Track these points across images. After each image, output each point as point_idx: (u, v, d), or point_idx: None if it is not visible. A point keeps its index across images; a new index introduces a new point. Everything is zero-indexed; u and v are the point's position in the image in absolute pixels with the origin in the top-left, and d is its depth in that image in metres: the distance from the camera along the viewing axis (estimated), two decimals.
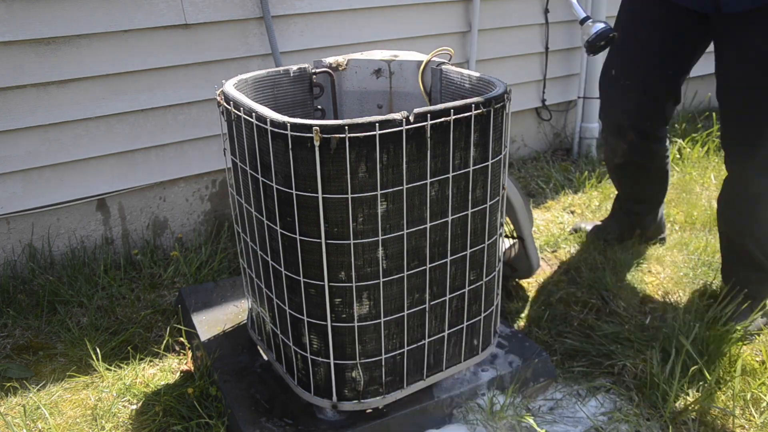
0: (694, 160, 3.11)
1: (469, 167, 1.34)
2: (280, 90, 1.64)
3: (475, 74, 1.52)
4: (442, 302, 1.45)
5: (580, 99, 3.32)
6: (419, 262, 1.37)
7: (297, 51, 2.45)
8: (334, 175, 1.22)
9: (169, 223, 2.45)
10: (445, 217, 1.36)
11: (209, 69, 2.31)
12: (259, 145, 1.28)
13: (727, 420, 1.59)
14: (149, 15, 2.13)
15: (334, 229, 1.27)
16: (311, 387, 1.47)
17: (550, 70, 3.22)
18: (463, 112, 1.28)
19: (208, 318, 1.85)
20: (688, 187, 2.87)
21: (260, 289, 1.52)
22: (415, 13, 2.71)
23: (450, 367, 1.56)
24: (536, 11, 3.06)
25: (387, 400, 1.48)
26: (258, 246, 1.44)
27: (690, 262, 2.28)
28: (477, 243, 1.44)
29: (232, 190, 1.53)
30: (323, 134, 1.18)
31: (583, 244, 2.42)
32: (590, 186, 2.93)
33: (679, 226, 2.57)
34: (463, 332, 1.54)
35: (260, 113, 1.24)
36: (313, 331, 1.39)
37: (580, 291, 2.14)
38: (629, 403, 1.66)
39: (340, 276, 1.31)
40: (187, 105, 2.31)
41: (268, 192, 1.31)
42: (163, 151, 2.33)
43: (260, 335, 1.66)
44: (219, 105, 1.44)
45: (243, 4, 2.29)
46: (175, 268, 2.26)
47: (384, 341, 1.40)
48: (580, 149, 3.38)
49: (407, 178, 1.27)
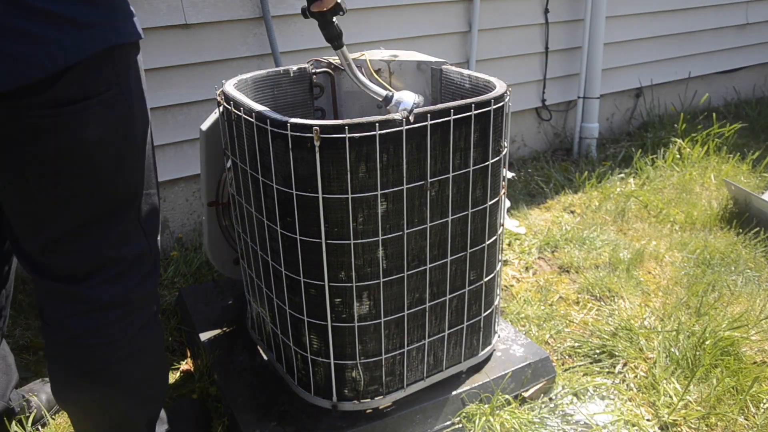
0: (694, 160, 3.11)
1: (469, 167, 1.34)
2: (280, 90, 1.64)
3: (475, 74, 1.52)
4: (442, 302, 1.45)
5: (581, 99, 3.32)
6: (419, 262, 1.37)
7: (297, 51, 2.45)
8: (334, 175, 1.22)
9: (169, 223, 2.45)
10: (445, 217, 1.36)
11: (209, 69, 2.31)
12: (259, 145, 1.28)
13: (727, 420, 1.59)
14: (149, 15, 2.13)
15: (334, 229, 1.27)
16: (311, 387, 1.47)
17: (550, 70, 3.22)
18: (463, 112, 1.28)
19: (208, 318, 1.84)
20: (688, 187, 2.87)
21: (260, 289, 1.52)
22: (415, 13, 2.71)
23: (450, 367, 1.56)
24: (536, 11, 3.06)
25: (387, 400, 1.48)
26: (258, 246, 1.44)
27: (690, 262, 2.28)
28: (477, 243, 1.44)
29: (232, 190, 1.53)
30: (323, 134, 1.18)
31: (583, 244, 2.42)
32: (590, 186, 2.93)
33: (679, 226, 2.57)
34: (463, 332, 1.54)
35: (260, 113, 1.24)
36: (313, 331, 1.39)
37: (580, 291, 2.14)
38: (629, 403, 1.66)
39: (340, 276, 1.31)
40: (187, 105, 2.31)
41: (268, 192, 1.31)
42: (162, 151, 2.33)
43: (260, 335, 1.66)
44: (219, 105, 1.44)
45: (243, 4, 2.29)
46: (175, 268, 2.26)
47: (384, 341, 1.40)
48: (580, 149, 3.38)
49: (407, 178, 1.27)
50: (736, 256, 2.29)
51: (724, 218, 2.59)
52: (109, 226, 1.10)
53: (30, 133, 0.97)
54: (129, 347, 1.17)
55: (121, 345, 1.16)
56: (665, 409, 1.62)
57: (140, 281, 1.16)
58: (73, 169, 1.02)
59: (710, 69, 3.89)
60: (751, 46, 4.00)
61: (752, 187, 2.85)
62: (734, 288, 2.11)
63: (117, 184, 1.09)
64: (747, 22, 3.86)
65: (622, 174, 3.06)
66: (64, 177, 1.02)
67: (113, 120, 1.03)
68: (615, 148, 3.46)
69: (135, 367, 1.21)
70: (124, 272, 1.14)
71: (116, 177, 1.08)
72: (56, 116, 0.96)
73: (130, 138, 1.08)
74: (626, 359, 1.79)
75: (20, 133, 0.96)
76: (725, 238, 2.45)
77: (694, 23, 3.65)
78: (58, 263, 1.10)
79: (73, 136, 0.99)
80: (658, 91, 3.75)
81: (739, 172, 3.02)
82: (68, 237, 1.08)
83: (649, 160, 3.16)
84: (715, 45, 3.81)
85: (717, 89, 4.04)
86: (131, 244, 1.14)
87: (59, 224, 1.07)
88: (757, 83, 4.22)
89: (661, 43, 3.58)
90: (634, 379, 1.74)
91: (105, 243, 1.10)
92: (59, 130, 0.98)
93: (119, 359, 1.17)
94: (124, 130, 1.07)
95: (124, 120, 1.06)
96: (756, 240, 2.39)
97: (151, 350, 1.25)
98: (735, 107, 3.99)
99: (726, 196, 2.73)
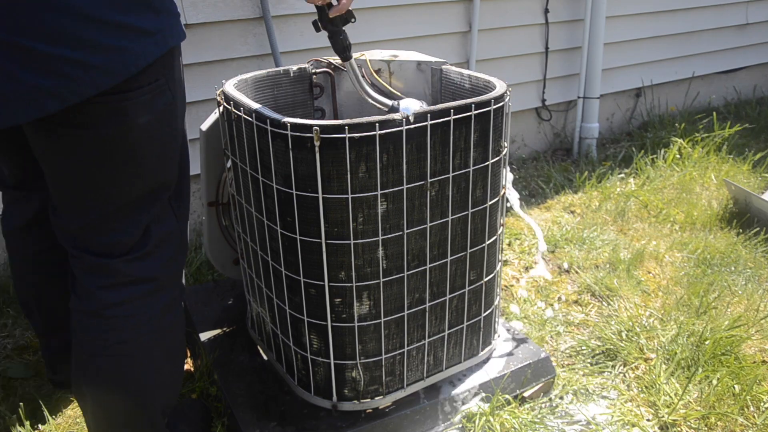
0: (694, 160, 3.11)
1: (469, 167, 1.34)
2: (280, 90, 1.64)
3: (475, 74, 1.52)
4: (442, 302, 1.45)
5: (581, 99, 3.32)
6: (419, 262, 1.37)
7: (297, 51, 2.45)
8: (334, 175, 1.22)
9: None
10: (445, 217, 1.36)
11: (209, 69, 2.31)
12: (259, 145, 1.28)
13: (727, 420, 1.59)
14: None
15: (334, 229, 1.27)
16: (311, 387, 1.48)
17: (550, 70, 3.22)
18: (463, 112, 1.28)
19: (208, 318, 1.84)
20: (688, 187, 2.87)
21: (260, 289, 1.52)
22: (415, 13, 2.71)
23: (450, 367, 1.56)
24: (536, 11, 3.06)
25: (387, 400, 1.48)
26: (258, 246, 1.44)
27: (690, 262, 2.28)
28: (477, 243, 1.44)
29: (232, 190, 1.53)
30: (323, 134, 1.18)
31: (583, 244, 2.42)
32: (590, 186, 2.93)
33: (679, 226, 2.57)
34: (463, 332, 1.54)
35: (260, 113, 1.24)
36: (313, 331, 1.39)
37: (580, 291, 2.14)
38: (629, 403, 1.66)
39: (340, 276, 1.31)
40: (187, 105, 2.30)
41: (268, 192, 1.31)
42: None
43: (260, 335, 1.66)
44: (219, 105, 1.44)
45: (243, 4, 2.29)
46: None
47: (384, 341, 1.40)
48: (580, 149, 3.38)
49: (407, 178, 1.27)
50: (736, 256, 2.29)
51: (724, 218, 2.59)
52: (147, 207, 1.20)
53: (91, 117, 1.05)
54: (150, 325, 1.23)
55: (144, 321, 1.22)
56: (665, 409, 1.62)
57: (168, 261, 1.25)
58: (121, 153, 1.11)
59: (710, 69, 3.88)
60: (751, 46, 4.00)
61: (752, 187, 2.85)
62: (734, 288, 2.11)
63: (158, 169, 1.18)
64: (747, 22, 3.86)
65: (622, 174, 3.06)
66: (113, 160, 1.11)
67: (160, 107, 1.13)
68: (615, 148, 3.46)
69: (155, 347, 1.26)
70: (155, 250, 1.22)
71: (158, 162, 1.18)
72: (119, 101, 1.06)
73: (172, 125, 1.18)
74: (626, 359, 1.79)
75: (82, 117, 1.05)
76: (725, 238, 2.45)
77: (695, 23, 3.65)
78: (97, 240, 1.19)
79: (126, 121, 1.08)
80: (658, 91, 3.75)
81: (739, 172, 3.02)
82: (111, 216, 1.17)
83: (649, 160, 3.16)
84: (715, 45, 3.81)
85: (717, 89, 4.04)
86: (164, 224, 1.24)
87: (104, 204, 1.16)
88: (757, 83, 4.22)
89: (661, 43, 3.58)
90: (634, 379, 1.74)
91: (142, 222, 1.20)
92: (118, 114, 1.07)
93: (140, 335, 1.22)
94: (168, 118, 1.16)
95: (168, 108, 1.15)
96: (756, 240, 2.39)
97: (171, 335, 1.31)
98: (735, 107, 3.99)
99: (726, 196, 2.73)
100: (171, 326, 1.30)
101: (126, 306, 1.20)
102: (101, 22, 0.98)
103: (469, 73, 1.54)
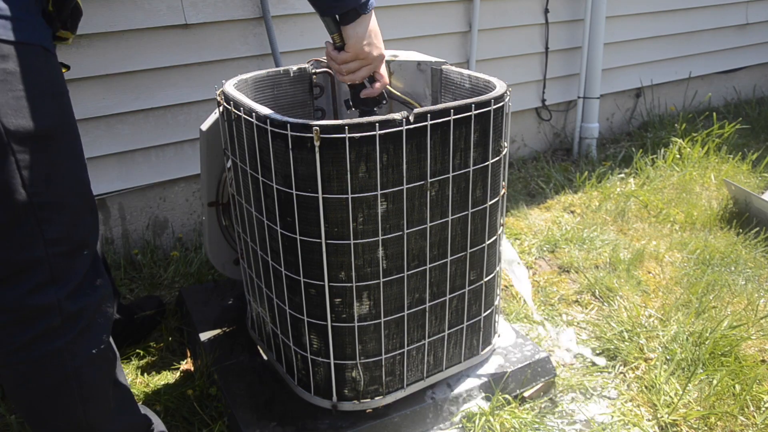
0: (694, 160, 3.11)
1: (469, 167, 1.34)
2: (280, 90, 1.64)
3: (475, 74, 1.52)
4: (442, 302, 1.45)
5: (581, 99, 3.32)
6: (419, 262, 1.37)
7: (297, 51, 2.45)
8: (334, 175, 1.22)
9: (169, 223, 2.45)
10: (445, 217, 1.36)
11: (209, 69, 2.31)
12: (259, 145, 1.28)
13: (727, 420, 1.59)
14: (149, 15, 2.13)
15: (334, 229, 1.27)
16: (311, 387, 1.48)
17: (550, 70, 3.22)
18: (463, 112, 1.28)
19: (208, 318, 1.85)
20: (688, 187, 2.87)
21: (260, 289, 1.52)
22: (415, 13, 2.71)
23: (450, 367, 1.56)
24: (536, 11, 3.06)
25: (387, 400, 1.48)
26: (258, 246, 1.44)
27: (690, 262, 2.28)
28: (477, 243, 1.44)
29: (232, 190, 1.53)
30: (323, 134, 1.18)
31: (583, 244, 2.42)
32: (590, 186, 2.93)
33: (679, 226, 2.57)
34: (463, 332, 1.54)
35: (260, 113, 1.24)
36: (313, 331, 1.39)
37: (580, 291, 2.14)
38: (629, 403, 1.66)
39: (340, 276, 1.31)
40: (187, 105, 2.31)
41: (268, 192, 1.31)
42: (163, 151, 2.33)
43: (260, 335, 1.66)
44: (219, 105, 1.44)
45: (243, 4, 2.29)
46: (175, 268, 2.26)
47: (384, 341, 1.40)
48: (580, 149, 3.38)
49: (407, 178, 1.27)
50: (736, 255, 2.29)
51: (724, 218, 2.59)
52: (10, 233, 1.05)
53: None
54: (11, 359, 1.09)
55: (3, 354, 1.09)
56: (665, 409, 1.62)
57: (32, 290, 1.08)
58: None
59: (710, 69, 3.88)
60: (751, 46, 4.00)
61: (752, 187, 2.85)
62: (734, 288, 2.11)
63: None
64: (747, 22, 3.86)
65: (622, 174, 3.06)
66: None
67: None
68: (615, 148, 3.46)
69: (28, 390, 1.12)
70: (12, 278, 1.07)
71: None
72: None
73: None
74: (626, 359, 1.79)
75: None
76: (725, 238, 2.45)
77: (695, 23, 3.65)
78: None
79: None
80: (658, 91, 3.75)
81: (739, 172, 3.02)
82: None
83: (649, 160, 3.16)
84: (715, 45, 3.81)
85: (717, 89, 4.04)
86: (25, 250, 1.06)
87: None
88: (757, 83, 4.22)
89: (661, 43, 3.58)
90: (634, 379, 1.74)
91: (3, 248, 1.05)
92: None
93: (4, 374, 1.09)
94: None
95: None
96: (756, 240, 2.39)
97: (47, 377, 1.12)
98: (735, 107, 3.99)
99: (726, 196, 2.73)
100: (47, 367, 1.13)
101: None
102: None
103: (469, 73, 1.53)
